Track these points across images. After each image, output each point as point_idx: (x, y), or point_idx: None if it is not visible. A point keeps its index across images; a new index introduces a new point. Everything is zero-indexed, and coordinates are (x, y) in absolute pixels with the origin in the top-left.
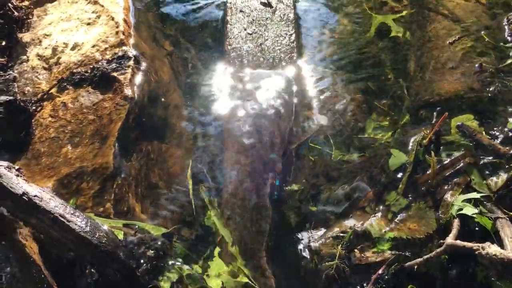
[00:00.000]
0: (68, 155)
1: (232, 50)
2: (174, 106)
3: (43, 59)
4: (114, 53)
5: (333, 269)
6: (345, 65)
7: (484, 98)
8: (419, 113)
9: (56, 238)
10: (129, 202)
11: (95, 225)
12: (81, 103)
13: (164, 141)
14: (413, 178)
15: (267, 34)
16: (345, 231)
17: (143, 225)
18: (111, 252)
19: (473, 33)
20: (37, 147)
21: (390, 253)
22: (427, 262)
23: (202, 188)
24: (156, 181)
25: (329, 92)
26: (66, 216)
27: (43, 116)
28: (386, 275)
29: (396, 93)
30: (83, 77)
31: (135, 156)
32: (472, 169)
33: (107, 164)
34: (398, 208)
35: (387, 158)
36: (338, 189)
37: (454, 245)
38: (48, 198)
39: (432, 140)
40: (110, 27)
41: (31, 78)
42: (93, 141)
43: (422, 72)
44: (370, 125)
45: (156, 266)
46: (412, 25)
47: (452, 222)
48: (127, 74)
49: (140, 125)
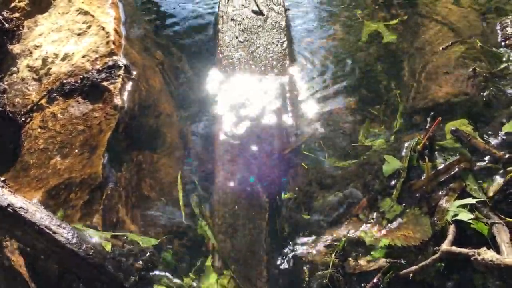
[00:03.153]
0: (57, 166)
1: (224, 58)
2: (166, 115)
3: (33, 70)
4: (105, 63)
5: (327, 279)
6: (337, 72)
7: (478, 102)
8: (413, 119)
9: (42, 250)
10: (118, 213)
11: (82, 237)
12: (71, 114)
13: (155, 151)
14: (407, 184)
15: (259, 41)
16: (339, 239)
17: (132, 236)
18: (99, 264)
19: (466, 39)
20: (26, 158)
21: (385, 261)
22: (423, 270)
23: (193, 197)
24: (147, 191)
25: (322, 99)
26: (52, 228)
27: (32, 127)
28: (381, 284)
29: (390, 99)
30: (73, 87)
31: (126, 166)
32: (467, 174)
33: (95, 175)
34: (393, 215)
35: (380, 164)
36: (331, 196)
37: (450, 252)
38: (34, 210)
39: (426, 145)
40: (100, 37)
41: (21, 89)
42: (83, 151)
43: (416, 78)
44: (364, 131)
45: (145, 278)
46: (405, 32)
47: (448, 228)
48: (117, 84)
49: (130, 135)
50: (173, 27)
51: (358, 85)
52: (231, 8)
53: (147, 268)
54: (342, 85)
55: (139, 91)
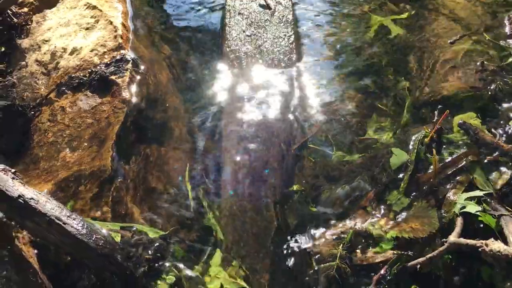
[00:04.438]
0: (66, 159)
1: (231, 52)
2: (173, 109)
3: (41, 64)
4: (113, 57)
5: (334, 270)
6: (344, 66)
7: (486, 96)
8: (420, 112)
9: (53, 241)
10: (127, 205)
11: (92, 228)
12: (80, 107)
13: (163, 144)
14: (414, 177)
15: (266, 35)
16: (346, 231)
17: (141, 227)
18: (108, 255)
19: (474, 32)
20: (35, 151)
21: (392, 253)
22: (430, 261)
23: (201, 190)
24: (155, 184)
25: (329, 93)
26: (62, 219)
27: (41, 120)
28: (388, 276)
29: (397, 93)
30: (81, 81)
31: (134, 159)
32: (474, 167)
33: (104, 167)
34: (400, 207)
35: (388, 157)
36: (339, 189)
37: (457, 243)
38: (44, 201)
39: (434, 138)
40: (108, 32)
41: (29, 83)
42: (91, 144)
43: (423, 72)
44: (371, 125)
45: (154, 269)
46: (412, 26)
47: (455, 220)
48: (125, 77)
49: (138, 128)
50: (180, 22)
51: (365, 79)
52: (238, 2)
53: (156, 259)
54: (349, 79)
55: (147, 85)
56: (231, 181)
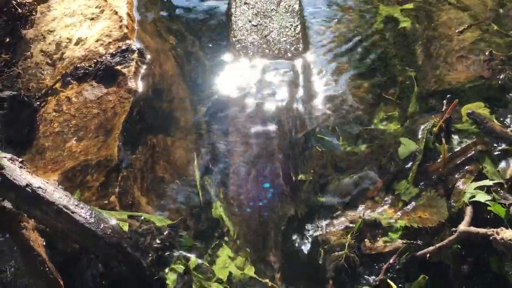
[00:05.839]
0: (72, 149)
1: (237, 42)
2: (179, 100)
3: (47, 54)
4: (118, 47)
5: (343, 259)
6: (351, 56)
7: (495, 86)
8: (428, 102)
9: (61, 230)
10: (134, 195)
11: (100, 217)
12: (85, 97)
13: (169, 134)
14: (423, 167)
15: (272, 25)
16: (355, 220)
17: (149, 216)
18: (116, 243)
19: (481, 22)
20: (41, 142)
21: (401, 242)
22: (440, 250)
23: (208, 180)
24: (162, 174)
25: (336, 83)
26: (70, 208)
27: (47, 111)
28: (397, 265)
29: (404, 83)
30: (87, 72)
31: (140, 149)
32: (484, 156)
33: (111, 157)
34: (409, 197)
35: (396, 147)
36: (347, 178)
37: (468, 232)
38: (52, 190)
39: (443, 127)
40: (113, 22)
41: (35, 74)
42: (98, 134)
43: (431, 62)
44: (378, 115)
45: (162, 258)
46: (420, 16)
47: (465, 210)
48: (131, 67)
49: (144, 118)
50: (186, 12)
51: (372, 69)
52: None
53: (165, 248)
54: (356, 69)
55: (152, 75)
56: (239, 170)
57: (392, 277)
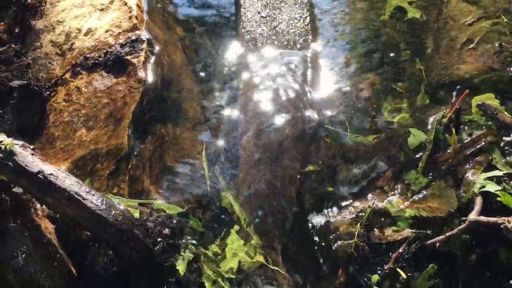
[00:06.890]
0: (82, 138)
1: (246, 33)
2: (187, 90)
3: (56, 45)
4: (128, 37)
5: (352, 248)
6: (360, 48)
7: (505, 77)
8: (438, 94)
9: (72, 216)
10: (144, 183)
11: (111, 204)
12: (95, 87)
13: (178, 124)
14: (433, 157)
15: (281, 17)
16: (364, 210)
17: (159, 204)
18: (127, 230)
19: (491, 14)
20: (51, 131)
21: (411, 231)
22: (449, 240)
23: (217, 169)
24: (171, 163)
25: (344, 74)
26: (82, 194)
27: (57, 100)
28: (406, 254)
29: (413, 75)
30: (96, 62)
31: (150, 138)
32: (493, 147)
33: (121, 145)
34: (418, 187)
35: (405, 137)
36: (356, 169)
37: (478, 221)
38: (63, 177)
39: (452, 118)
40: (123, 12)
41: (44, 64)
42: (107, 123)
43: (440, 53)
44: (387, 107)
45: (173, 245)
46: (429, 7)
47: (475, 200)
48: (140, 57)
49: (153, 108)
50: (194, 3)
51: (381, 61)
52: None
53: (175, 235)
54: (364, 60)
55: (161, 65)
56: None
57: (402, 266)
